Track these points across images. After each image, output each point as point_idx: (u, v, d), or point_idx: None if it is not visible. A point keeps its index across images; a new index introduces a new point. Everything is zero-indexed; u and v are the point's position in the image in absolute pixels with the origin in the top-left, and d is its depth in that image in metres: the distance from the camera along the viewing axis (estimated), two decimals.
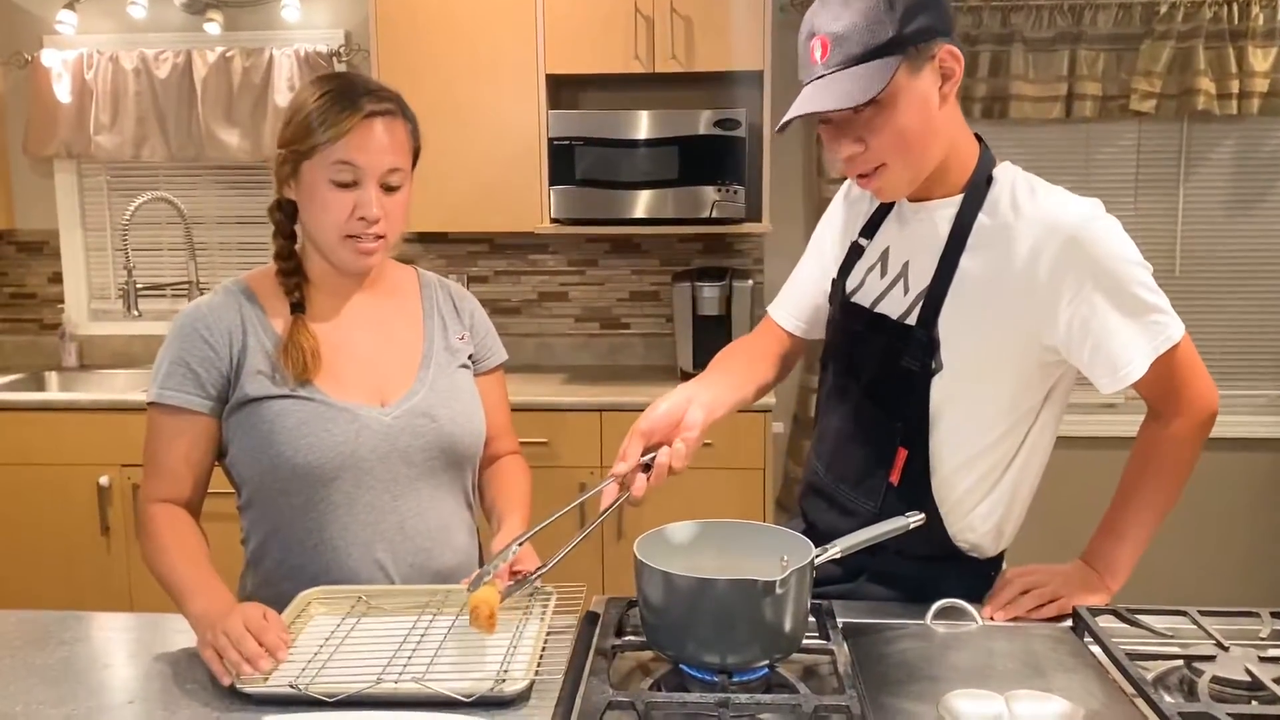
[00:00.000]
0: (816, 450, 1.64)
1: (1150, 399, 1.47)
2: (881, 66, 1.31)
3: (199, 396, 1.49)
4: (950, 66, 1.36)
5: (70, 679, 1.28)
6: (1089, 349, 1.38)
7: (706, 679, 1.20)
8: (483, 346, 1.71)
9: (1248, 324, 3.73)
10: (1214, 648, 1.26)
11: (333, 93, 1.47)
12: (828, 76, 1.33)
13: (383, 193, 1.49)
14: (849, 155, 1.39)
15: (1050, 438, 1.52)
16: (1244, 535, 3.77)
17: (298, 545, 1.53)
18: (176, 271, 3.93)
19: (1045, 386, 1.47)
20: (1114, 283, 1.36)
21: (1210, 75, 3.46)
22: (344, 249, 1.50)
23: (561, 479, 3.22)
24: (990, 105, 3.57)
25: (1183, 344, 1.41)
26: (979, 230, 1.42)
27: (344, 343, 1.55)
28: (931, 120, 1.37)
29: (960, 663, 1.28)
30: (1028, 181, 1.44)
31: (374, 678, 1.20)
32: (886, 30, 1.31)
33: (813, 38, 1.35)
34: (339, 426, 1.49)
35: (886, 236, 1.55)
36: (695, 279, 3.50)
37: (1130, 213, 3.69)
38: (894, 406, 1.47)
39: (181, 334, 1.51)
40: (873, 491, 1.49)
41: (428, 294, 1.68)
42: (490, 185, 3.42)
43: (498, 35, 3.37)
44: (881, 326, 1.49)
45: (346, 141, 1.45)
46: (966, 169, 1.45)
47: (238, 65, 3.71)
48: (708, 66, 3.34)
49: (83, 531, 3.35)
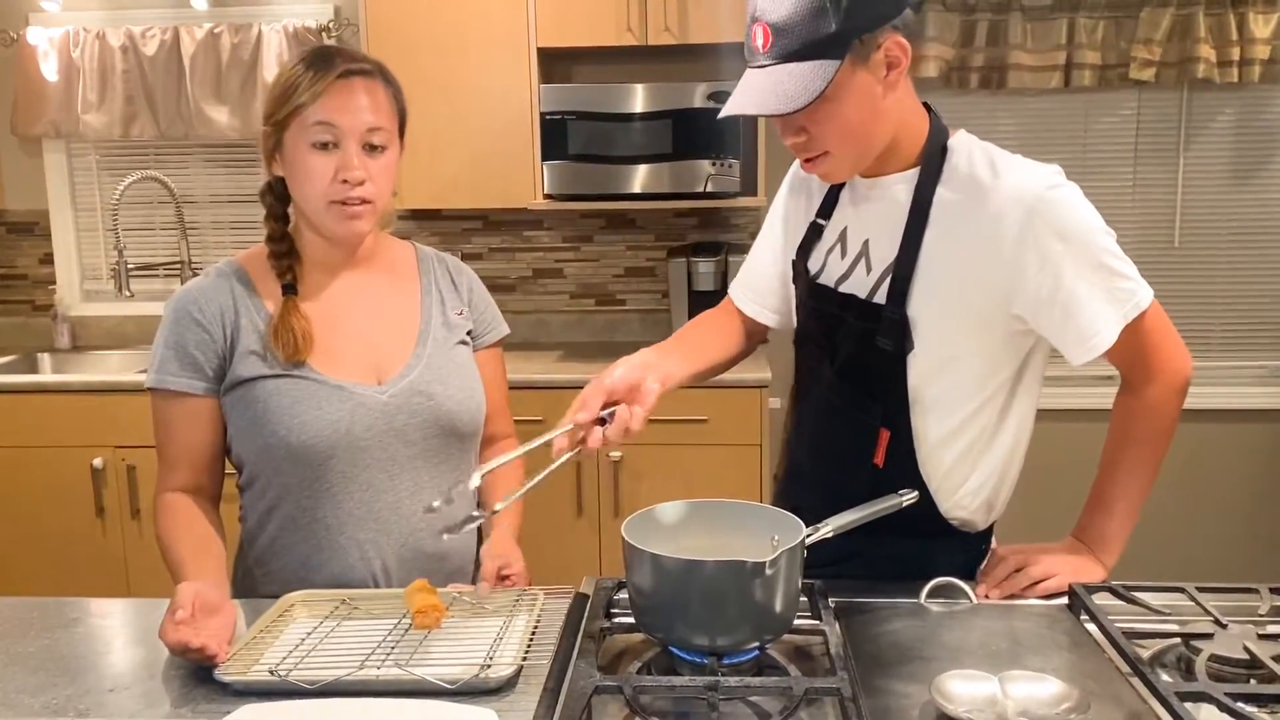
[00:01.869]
0: (796, 435, 1.62)
1: (1122, 367, 1.45)
2: (822, 66, 1.27)
3: (198, 379, 1.50)
4: (895, 56, 1.32)
5: (50, 666, 1.26)
6: (1057, 319, 1.36)
7: (696, 661, 1.19)
8: (481, 321, 1.69)
9: (1248, 293, 3.70)
10: (1212, 625, 1.24)
11: (308, 58, 1.48)
12: (769, 69, 1.30)
13: (366, 154, 1.48)
14: (792, 143, 1.37)
15: (1031, 408, 1.50)
16: (1243, 508, 3.75)
17: (291, 524, 1.52)
18: (168, 251, 3.89)
19: (1018, 357, 1.45)
20: (1080, 250, 1.34)
21: (1210, 43, 3.41)
22: (330, 215, 1.49)
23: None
24: (988, 75, 3.52)
25: (1151, 310, 1.38)
26: (939, 203, 1.40)
27: (339, 320, 1.54)
28: (876, 109, 1.35)
29: (954, 642, 1.26)
30: (985, 151, 1.42)
31: (356, 665, 1.18)
32: (829, 23, 1.26)
33: (755, 22, 1.31)
34: (333, 405, 1.48)
35: (843, 216, 1.52)
36: (691, 254, 3.47)
37: (1129, 183, 3.66)
38: (872, 388, 1.45)
39: (175, 318, 1.51)
40: (858, 475, 1.46)
41: (425, 269, 1.66)
42: (483, 161, 3.39)
43: (488, 8, 3.32)
44: (851, 307, 1.46)
45: (324, 102, 1.44)
46: (918, 141, 1.42)
47: (226, 42, 3.66)
48: (702, 38, 3.29)
49: (77, 514, 3.34)
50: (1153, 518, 1.48)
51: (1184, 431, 1.53)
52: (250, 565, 1.57)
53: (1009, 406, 1.46)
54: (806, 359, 1.57)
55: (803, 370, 1.59)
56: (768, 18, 1.29)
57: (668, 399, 1.38)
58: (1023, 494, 1.57)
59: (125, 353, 3.82)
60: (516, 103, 3.36)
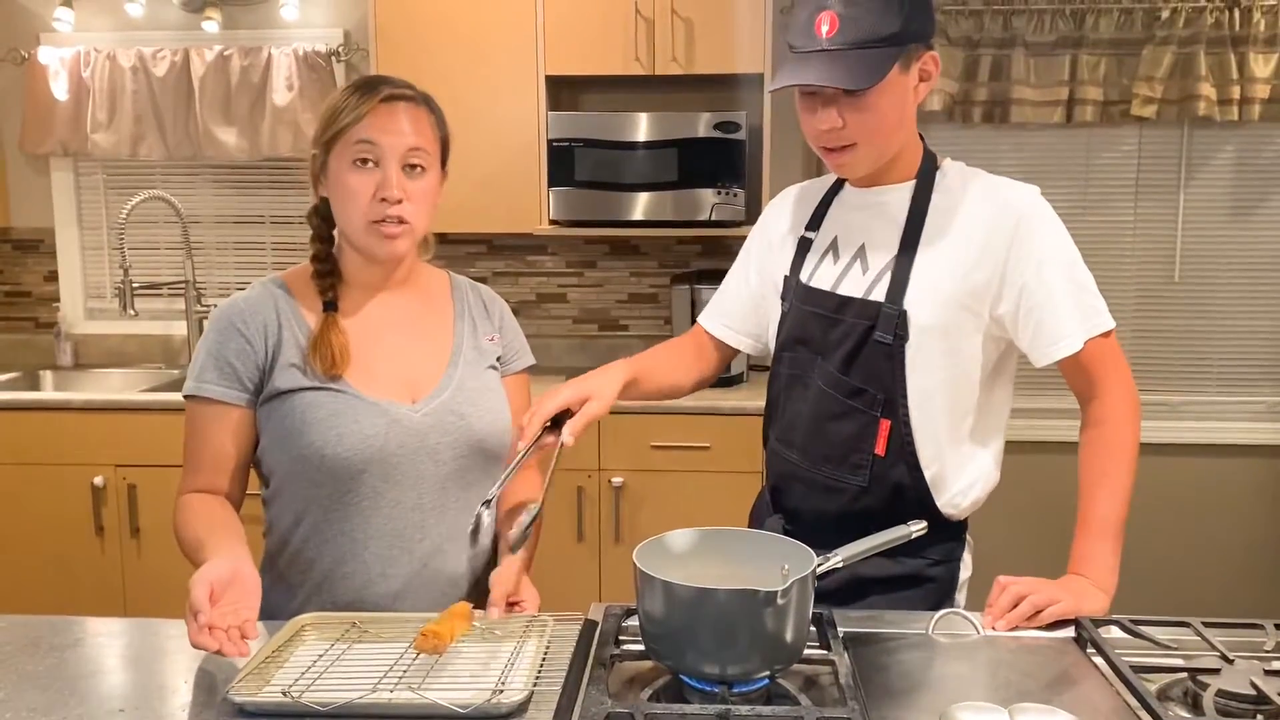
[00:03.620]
0: (785, 439, 1.69)
1: (1079, 386, 1.55)
2: (885, 56, 1.42)
3: (236, 389, 1.52)
4: (929, 70, 1.50)
5: (60, 686, 1.26)
6: (1033, 320, 1.49)
7: (706, 690, 1.19)
8: (510, 349, 1.73)
9: (1248, 329, 3.72)
10: (1219, 660, 1.24)
11: (357, 84, 1.55)
12: (832, 53, 1.42)
13: (405, 176, 1.52)
14: (828, 128, 1.48)
15: (1009, 401, 1.63)
16: (1245, 543, 3.75)
17: (317, 536, 1.54)
18: (173, 271, 3.90)
19: (997, 353, 1.57)
20: (1060, 261, 1.50)
21: (1211, 81, 3.45)
22: (370, 235, 1.53)
23: (559, 481, 3.20)
24: (991, 109, 3.56)
25: (1112, 335, 1.52)
26: (935, 210, 1.54)
27: (376, 340, 1.58)
28: (904, 115, 1.51)
29: (963, 674, 1.27)
30: (972, 171, 1.59)
31: (368, 688, 1.18)
32: (894, 23, 1.42)
33: (822, 10, 1.43)
34: (369, 420, 1.50)
35: (833, 226, 1.65)
36: (694, 281, 3.49)
37: (1130, 218, 3.69)
38: (871, 379, 1.54)
39: (218, 328, 1.54)
40: (858, 466, 1.56)
41: (459, 295, 1.71)
42: (489, 186, 3.41)
43: (497, 35, 3.36)
44: (850, 306, 1.56)
45: (367, 121, 1.50)
46: (916, 158, 1.58)
47: (236, 64, 3.69)
48: (708, 69, 3.33)
49: (77, 532, 3.32)
50: (1154, 552, 1.51)
51: (1184, 466, 1.57)
52: (273, 580, 1.57)
53: (995, 398, 1.59)
54: (796, 363, 1.65)
55: (790, 377, 1.67)
56: (839, 8, 1.42)
57: (670, 427, 1.43)
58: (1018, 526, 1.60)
59: (127, 371, 3.81)
60: (524, 129, 3.39)
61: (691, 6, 3.29)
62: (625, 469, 3.22)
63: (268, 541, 1.61)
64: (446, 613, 1.32)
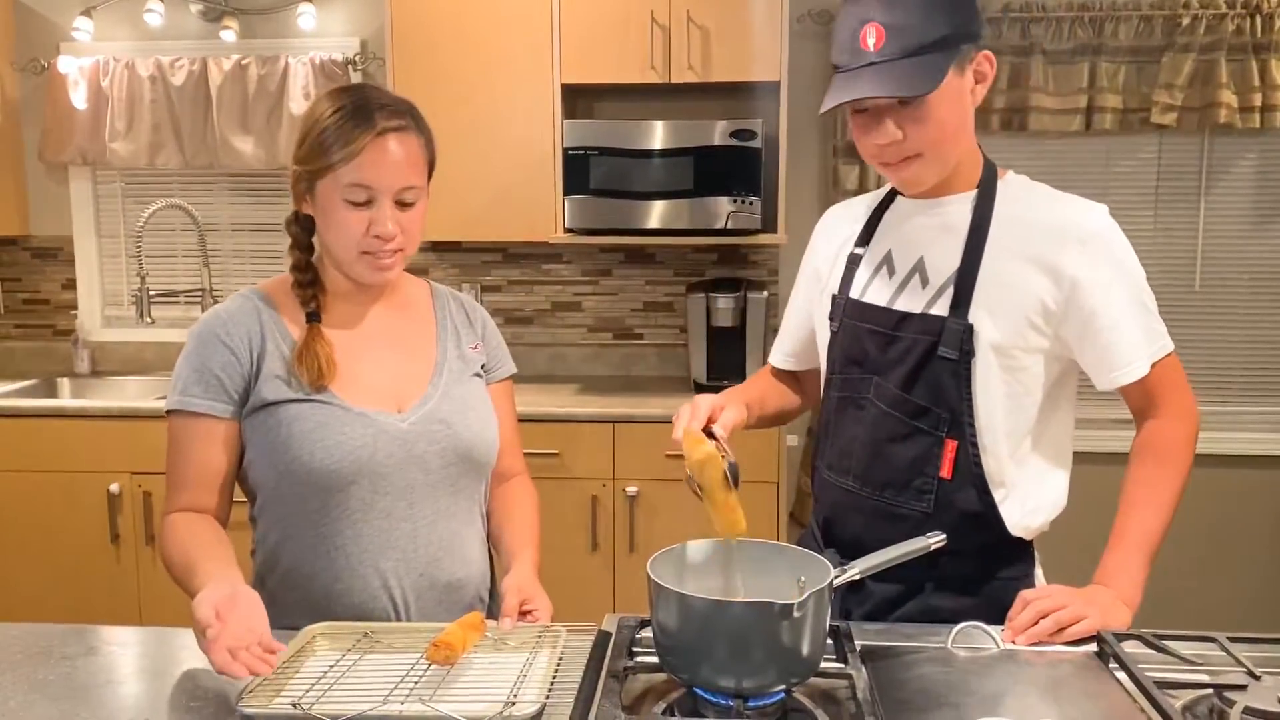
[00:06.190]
0: (839, 466, 1.61)
1: (1140, 405, 1.51)
2: (938, 60, 1.38)
3: (222, 402, 1.50)
4: (984, 70, 1.45)
5: (72, 695, 1.26)
6: (1100, 343, 1.46)
7: (721, 703, 1.17)
8: (494, 357, 1.71)
9: (1269, 338, 3.68)
10: (1245, 676, 1.22)
11: (345, 110, 1.47)
12: (883, 64, 1.38)
13: (398, 209, 1.49)
14: (888, 142, 1.43)
15: (1071, 419, 1.58)
16: (1270, 556, 3.71)
17: (309, 552, 1.51)
18: (190, 279, 3.92)
19: (1058, 372, 1.52)
20: (1129, 284, 1.47)
21: (1232, 88, 3.42)
22: (360, 264, 1.51)
23: (573, 491, 3.19)
24: (1009, 117, 3.54)
25: (1174, 356, 1.50)
26: (998, 221, 1.49)
27: (361, 350, 1.56)
28: (964, 118, 1.46)
29: (982, 689, 1.25)
30: (1037, 184, 1.55)
31: (379, 700, 1.17)
32: (942, 27, 1.38)
33: (866, 24, 1.39)
34: (356, 431, 1.49)
35: (885, 241, 1.59)
36: (710, 290, 3.47)
37: (1150, 227, 3.66)
38: (936, 398, 1.49)
39: (201, 341, 1.51)
40: (923, 491, 1.50)
41: (440, 304, 1.68)
42: (505, 194, 3.41)
43: (513, 44, 3.36)
44: (910, 321, 1.51)
45: (360, 161, 1.45)
46: (977, 169, 1.53)
47: (253, 73, 3.70)
48: (724, 77, 3.32)
49: (92, 539, 3.34)
50: (1177, 563, 1.49)
51: (1206, 477, 1.55)
52: (265, 602, 1.55)
53: (1057, 417, 1.54)
54: (849, 385, 1.58)
55: (842, 400, 1.60)
56: (883, 18, 1.38)
57: None
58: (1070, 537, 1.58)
59: (144, 379, 3.83)
60: (540, 137, 3.39)
61: (708, 14, 3.28)
62: (640, 478, 3.20)
63: (256, 561, 1.58)
64: (458, 622, 1.31)
